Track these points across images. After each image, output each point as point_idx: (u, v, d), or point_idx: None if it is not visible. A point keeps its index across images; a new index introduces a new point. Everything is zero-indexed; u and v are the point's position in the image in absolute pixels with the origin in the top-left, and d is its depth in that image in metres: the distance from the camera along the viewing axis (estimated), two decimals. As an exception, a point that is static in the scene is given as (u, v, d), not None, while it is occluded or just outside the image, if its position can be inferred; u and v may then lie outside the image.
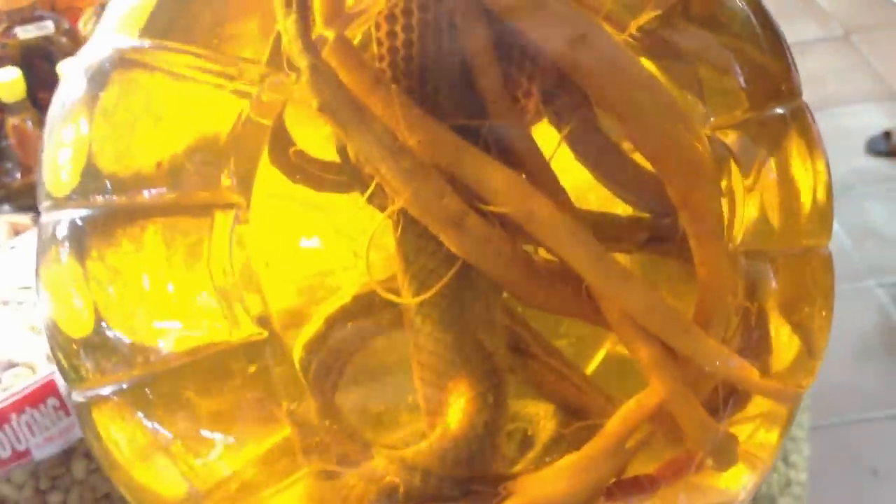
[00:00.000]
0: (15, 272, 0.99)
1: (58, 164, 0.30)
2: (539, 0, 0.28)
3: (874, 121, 2.17)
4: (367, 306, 0.31)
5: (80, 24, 1.14)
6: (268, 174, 0.30)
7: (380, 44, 0.29)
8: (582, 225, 0.29)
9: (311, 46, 0.27)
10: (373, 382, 0.33)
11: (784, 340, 0.34)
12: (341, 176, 0.30)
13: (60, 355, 0.31)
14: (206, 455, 0.29)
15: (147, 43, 0.29)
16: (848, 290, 1.81)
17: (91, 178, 0.29)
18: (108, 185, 0.29)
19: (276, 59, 0.29)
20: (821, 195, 0.34)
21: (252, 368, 0.30)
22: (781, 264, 0.34)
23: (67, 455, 0.93)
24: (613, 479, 0.31)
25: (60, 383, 0.89)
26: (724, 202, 0.32)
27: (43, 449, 0.89)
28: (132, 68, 0.29)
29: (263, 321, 0.30)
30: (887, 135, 2.11)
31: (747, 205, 0.32)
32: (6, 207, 1.09)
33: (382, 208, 0.30)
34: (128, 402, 0.30)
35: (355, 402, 0.32)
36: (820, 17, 2.48)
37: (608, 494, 0.31)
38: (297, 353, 0.31)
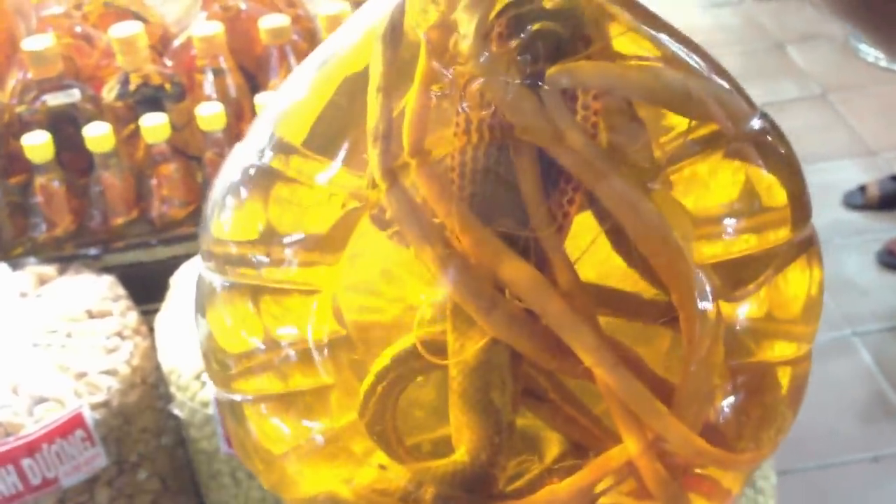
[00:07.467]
0: (43, 317, 1.07)
1: (227, 235, 0.42)
2: (570, 146, 0.37)
3: (850, 176, 2.19)
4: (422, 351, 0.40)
5: (104, 92, 1.20)
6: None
7: (451, 157, 0.38)
8: (584, 320, 0.37)
9: (389, 172, 0.37)
10: (421, 406, 0.43)
11: (743, 425, 0.41)
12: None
13: (216, 366, 0.43)
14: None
15: (304, 153, 0.41)
16: (825, 339, 1.83)
17: (258, 249, 0.41)
18: (266, 260, 0.41)
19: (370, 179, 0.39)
20: (814, 292, 0.42)
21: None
22: (759, 366, 0.41)
23: (91, 483, 1.00)
24: None
25: (87, 417, 0.96)
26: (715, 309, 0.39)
27: (70, 477, 0.96)
28: (291, 184, 0.41)
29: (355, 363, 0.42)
30: (863, 189, 2.13)
31: (737, 309, 0.40)
32: (32, 259, 1.16)
33: None
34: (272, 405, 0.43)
35: (405, 419, 0.42)
36: (798, 77, 2.49)
37: None
38: (368, 380, 0.41)
